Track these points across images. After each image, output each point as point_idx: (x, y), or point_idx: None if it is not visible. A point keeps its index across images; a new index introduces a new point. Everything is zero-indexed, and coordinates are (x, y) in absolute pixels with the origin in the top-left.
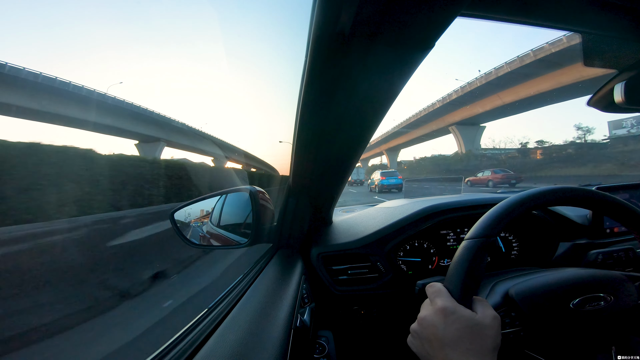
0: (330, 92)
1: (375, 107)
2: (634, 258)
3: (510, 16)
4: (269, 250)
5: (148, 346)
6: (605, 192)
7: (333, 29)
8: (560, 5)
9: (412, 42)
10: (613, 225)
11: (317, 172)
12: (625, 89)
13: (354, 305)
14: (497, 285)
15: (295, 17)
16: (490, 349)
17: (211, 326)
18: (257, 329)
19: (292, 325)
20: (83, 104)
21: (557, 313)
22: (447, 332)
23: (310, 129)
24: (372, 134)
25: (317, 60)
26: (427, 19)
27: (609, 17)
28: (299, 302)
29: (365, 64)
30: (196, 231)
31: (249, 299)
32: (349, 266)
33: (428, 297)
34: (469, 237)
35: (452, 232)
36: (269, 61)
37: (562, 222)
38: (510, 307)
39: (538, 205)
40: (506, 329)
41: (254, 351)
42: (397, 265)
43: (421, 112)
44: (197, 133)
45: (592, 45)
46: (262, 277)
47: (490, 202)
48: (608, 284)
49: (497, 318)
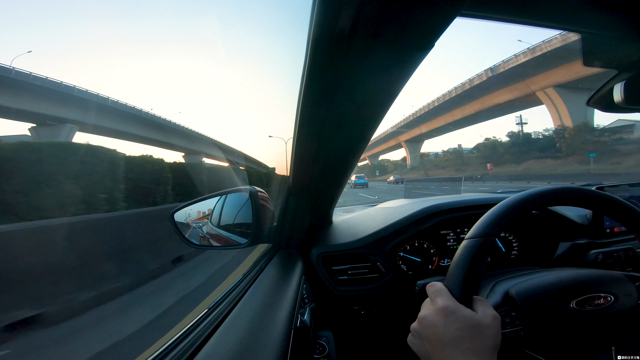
0: (330, 91)
1: (375, 107)
2: (634, 258)
3: (510, 16)
4: (269, 250)
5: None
6: (605, 192)
7: (333, 28)
8: (559, 5)
9: (412, 42)
10: (613, 225)
11: (317, 172)
12: (624, 88)
13: (354, 305)
14: (497, 285)
15: (295, 17)
16: (491, 349)
17: (211, 326)
18: (257, 329)
19: (292, 325)
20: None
21: (557, 313)
22: (448, 331)
23: (310, 129)
24: (372, 134)
25: (317, 59)
26: (427, 19)
27: (608, 17)
28: (299, 303)
29: (365, 64)
30: (196, 231)
31: (249, 299)
32: (349, 266)
33: (428, 296)
34: (470, 236)
35: (452, 232)
36: (268, 61)
37: (562, 222)
38: (510, 307)
39: (538, 205)
40: (506, 329)
41: (254, 351)
42: (397, 266)
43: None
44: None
45: (592, 45)
46: (262, 277)
47: (490, 202)
48: (608, 283)
49: (498, 318)
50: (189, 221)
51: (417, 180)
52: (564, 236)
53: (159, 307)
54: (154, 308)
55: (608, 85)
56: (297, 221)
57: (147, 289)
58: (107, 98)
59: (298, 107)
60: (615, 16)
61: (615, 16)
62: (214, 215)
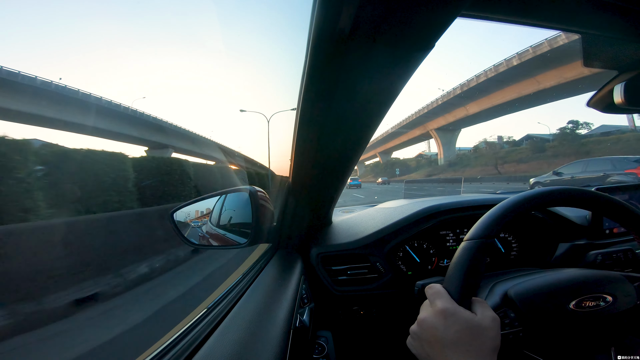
0: (331, 92)
1: (375, 107)
2: (633, 259)
3: (511, 16)
4: (268, 250)
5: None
6: (605, 193)
7: (333, 28)
8: (560, 5)
9: (412, 42)
10: (612, 226)
11: (317, 172)
12: (625, 89)
13: (354, 305)
14: (496, 286)
15: (295, 17)
16: (490, 350)
17: (210, 326)
18: (257, 329)
19: (292, 325)
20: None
21: (556, 314)
22: (447, 333)
23: (310, 129)
24: (372, 134)
25: (317, 60)
26: (427, 19)
27: (608, 17)
28: (298, 303)
29: (365, 64)
30: (195, 231)
31: (249, 299)
32: (348, 266)
33: (427, 298)
34: (468, 238)
35: (451, 233)
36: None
37: (561, 222)
38: (509, 308)
39: (537, 206)
40: (505, 330)
41: (253, 351)
42: (397, 266)
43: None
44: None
45: (592, 46)
46: (262, 277)
47: (490, 203)
48: (607, 284)
49: (497, 319)
50: (188, 220)
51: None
52: (564, 237)
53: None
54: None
55: (608, 86)
56: (296, 221)
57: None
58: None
59: (298, 107)
60: (616, 17)
61: (615, 17)
62: (213, 215)
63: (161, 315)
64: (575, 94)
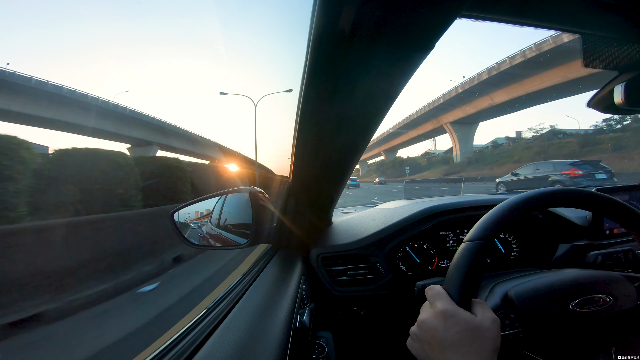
0: (331, 92)
1: (375, 107)
2: (633, 259)
3: (511, 17)
4: (268, 250)
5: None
6: (605, 194)
7: (333, 29)
8: (560, 6)
9: (412, 43)
10: (613, 227)
11: (317, 173)
12: (625, 90)
13: (354, 306)
14: (496, 286)
15: (296, 17)
16: (490, 351)
17: (210, 327)
18: (257, 330)
19: (292, 326)
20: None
21: (557, 314)
22: (447, 335)
23: (311, 129)
24: (372, 134)
25: (318, 60)
26: (427, 20)
27: (609, 18)
28: (298, 303)
29: (365, 64)
30: (195, 231)
31: (249, 300)
32: (348, 267)
33: (427, 299)
34: (468, 239)
35: (451, 233)
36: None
37: (561, 223)
38: (509, 309)
39: (537, 206)
40: (506, 331)
41: (253, 352)
42: (397, 266)
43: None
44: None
45: (592, 47)
46: (262, 277)
47: (490, 204)
48: (607, 285)
49: (497, 320)
50: (188, 221)
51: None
52: (564, 237)
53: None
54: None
55: (609, 87)
56: (296, 222)
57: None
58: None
59: (298, 108)
60: (616, 17)
61: (615, 17)
62: (213, 216)
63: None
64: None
